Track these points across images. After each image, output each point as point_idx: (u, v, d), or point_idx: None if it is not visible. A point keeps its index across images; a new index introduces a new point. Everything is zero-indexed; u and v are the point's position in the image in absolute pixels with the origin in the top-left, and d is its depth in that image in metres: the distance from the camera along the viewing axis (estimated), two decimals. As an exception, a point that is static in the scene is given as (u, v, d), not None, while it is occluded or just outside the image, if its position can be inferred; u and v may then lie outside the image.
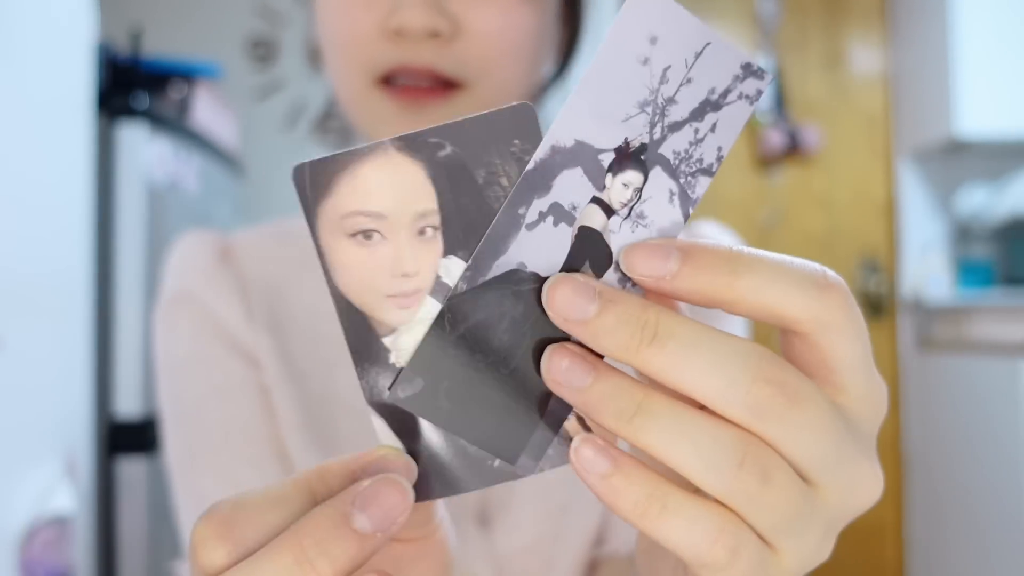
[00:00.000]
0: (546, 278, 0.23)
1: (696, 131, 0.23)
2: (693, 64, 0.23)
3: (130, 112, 1.49)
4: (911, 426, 2.69)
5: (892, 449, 2.72)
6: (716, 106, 0.23)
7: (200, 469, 0.51)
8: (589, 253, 0.23)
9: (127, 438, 1.47)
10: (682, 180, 0.23)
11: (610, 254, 0.23)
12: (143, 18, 2.02)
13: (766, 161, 2.72)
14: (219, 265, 0.56)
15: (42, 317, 1.24)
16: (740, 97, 0.23)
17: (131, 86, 1.54)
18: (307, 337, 0.54)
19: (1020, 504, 2.10)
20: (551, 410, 0.24)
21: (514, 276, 0.23)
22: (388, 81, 0.49)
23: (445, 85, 0.48)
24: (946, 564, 2.49)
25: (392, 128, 0.48)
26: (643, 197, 0.23)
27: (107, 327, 1.47)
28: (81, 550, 1.31)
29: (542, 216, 0.23)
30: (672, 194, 0.23)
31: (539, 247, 0.23)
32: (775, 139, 2.63)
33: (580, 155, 0.23)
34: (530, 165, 0.23)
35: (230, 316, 0.54)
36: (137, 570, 1.45)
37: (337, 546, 0.21)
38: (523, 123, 0.23)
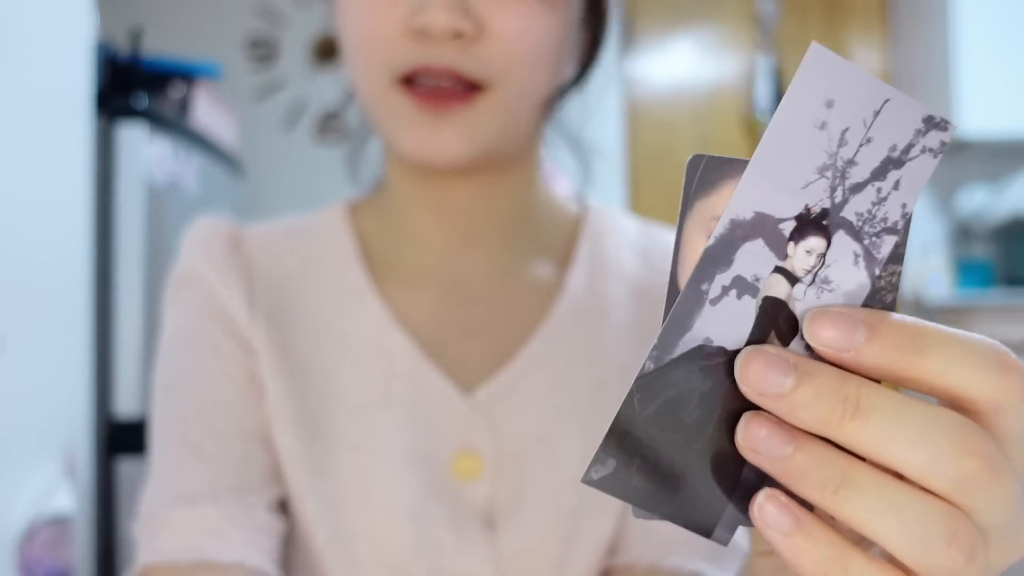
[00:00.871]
0: (734, 352, 0.23)
1: (879, 190, 0.22)
2: (872, 123, 0.22)
3: (130, 112, 1.49)
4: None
5: (892, 449, 2.72)
6: (898, 163, 0.22)
7: (170, 436, 0.52)
8: (775, 324, 0.23)
9: (127, 438, 1.47)
10: (866, 241, 0.23)
11: (796, 323, 0.23)
12: (143, 18, 2.03)
13: (766, 161, 2.72)
14: (228, 251, 0.57)
15: (42, 317, 1.24)
16: (923, 151, 0.22)
17: (131, 86, 1.54)
18: (311, 332, 0.54)
19: (1020, 504, 2.10)
20: (744, 482, 0.24)
21: (701, 352, 0.23)
22: (409, 81, 0.48)
23: (466, 87, 0.48)
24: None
25: (411, 128, 0.48)
26: (827, 262, 0.23)
27: (107, 327, 1.47)
28: (81, 550, 1.31)
29: (725, 290, 0.23)
30: (857, 256, 0.23)
31: (724, 321, 0.23)
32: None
33: (760, 226, 0.23)
34: (711, 241, 0.23)
35: (231, 301, 0.55)
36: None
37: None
38: None
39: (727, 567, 0.51)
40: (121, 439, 1.47)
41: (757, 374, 0.22)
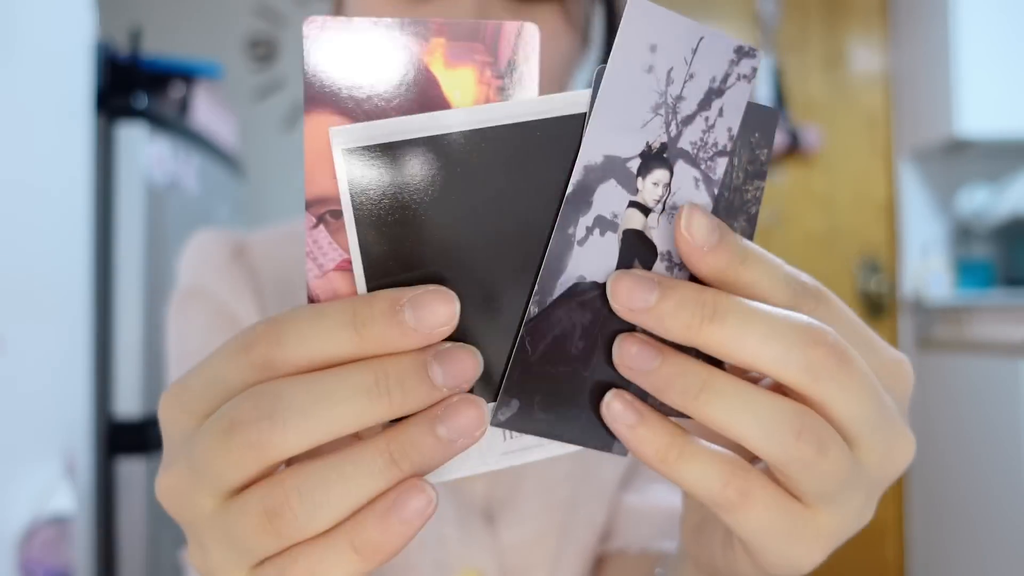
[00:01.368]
0: (605, 284, 0.25)
1: (707, 119, 0.25)
2: (692, 60, 0.25)
3: (130, 112, 1.49)
4: (912, 425, 2.68)
5: (892, 449, 2.72)
6: (719, 92, 0.25)
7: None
8: (636, 252, 0.26)
9: (127, 438, 1.47)
10: (703, 166, 0.25)
11: (655, 248, 0.25)
12: (143, 18, 2.03)
13: (766, 161, 2.72)
14: (233, 262, 0.57)
15: (42, 317, 1.24)
16: (739, 79, 0.25)
17: (131, 86, 1.54)
18: None
19: (1020, 504, 2.10)
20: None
21: (577, 289, 0.25)
22: None
23: None
24: (947, 565, 2.49)
25: None
26: (673, 190, 0.25)
27: (107, 327, 1.47)
28: (80, 550, 1.31)
29: (589, 231, 0.25)
30: (697, 180, 0.25)
31: (593, 258, 0.25)
32: (775, 139, 2.63)
33: (610, 168, 0.25)
34: (569, 188, 0.25)
35: (242, 311, 0.55)
36: (136, 570, 1.45)
37: (413, 384, 0.22)
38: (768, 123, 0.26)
39: None
40: (121, 439, 1.47)
41: (626, 292, 0.24)
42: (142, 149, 1.50)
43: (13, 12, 1.17)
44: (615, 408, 0.25)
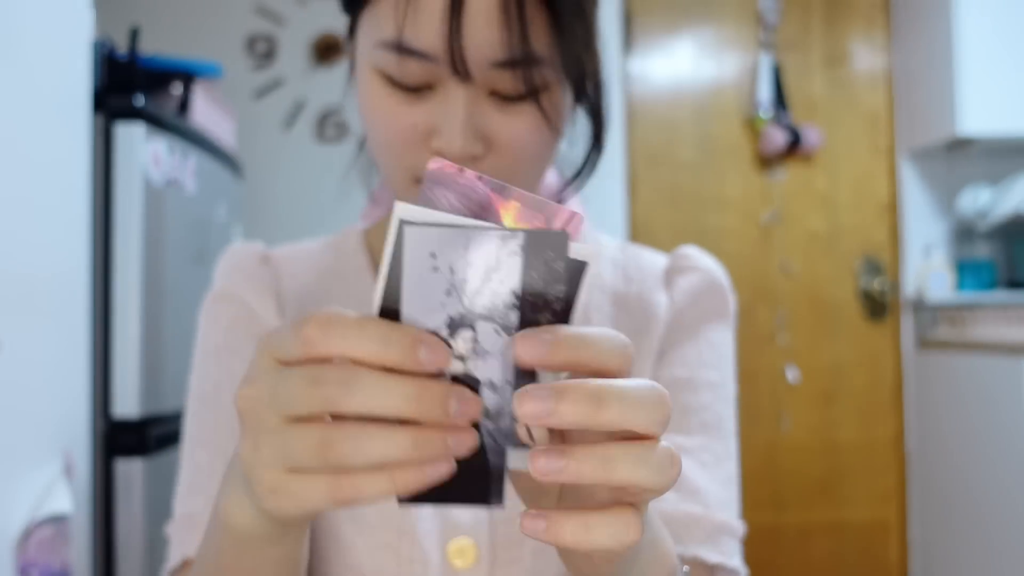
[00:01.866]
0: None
1: (492, 289, 0.33)
2: (467, 253, 0.32)
3: (128, 111, 1.49)
4: (913, 426, 2.69)
5: (894, 449, 2.71)
6: (496, 268, 0.33)
7: (201, 442, 0.60)
8: (465, 385, 0.33)
9: (125, 439, 1.47)
10: (498, 319, 0.33)
11: (477, 380, 0.33)
12: (142, 17, 2.02)
13: (767, 160, 2.72)
14: (258, 268, 0.65)
15: (40, 317, 1.23)
16: (509, 255, 0.33)
17: (129, 85, 1.53)
18: None
19: (1022, 504, 2.09)
20: (495, 464, 0.35)
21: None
22: None
23: None
24: (948, 564, 2.48)
25: None
26: (479, 340, 0.33)
27: (105, 327, 1.47)
28: (79, 550, 1.30)
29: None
30: (497, 330, 0.33)
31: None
32: (776, 138, 2.62)
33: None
34: None
35: (264, 312, 0.63)
36: (135, 570, 1.45)
37: (437, 409, 0.31)
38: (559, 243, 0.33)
39: (723, 551, 0.59)
40: (119, 440, 1.46)
41: (531, 409, 0.30)
42: (141, 148, 1.49)
43: (12, 11, 1.17)
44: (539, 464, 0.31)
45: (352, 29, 0.58)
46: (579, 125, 0.63)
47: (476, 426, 0.33)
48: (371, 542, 0.58)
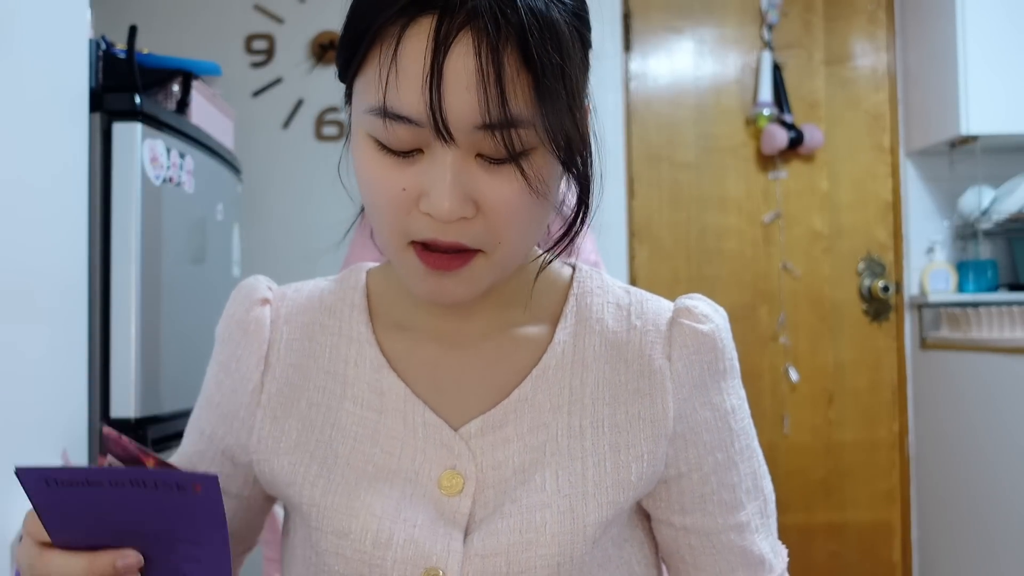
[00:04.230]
0: None
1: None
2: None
3: (126, 110, 1.48)
4: (915, 426, 2.68)
5: (896, 449, 2.70)
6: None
7: (193, 416, 0.73)
8: None
9: (123, 439, 1.46)
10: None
11: None
12: (139, 16, 2.01)
13: (769, 160, 2.71)
14: (254, 312, 0.69)
15: (38, 317, 1.23)
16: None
17: (127, 84, 1.53)
18: (321, 373, 0.67)
19: (1025, 506, 2.09)
20: None
21: None
22: (420, 242, 0.58)
23: (467, 251, 0.57)
24: (951, 565, 2.48)
25: (423, 281, 0.58)
26: None
27: (103, 327, 1.46)
28: (75, 553, 1.30)
29: None
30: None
31: None
32: (778, 137, 2.61)
33: None
34: None
35: (247, 357, 0.69)
36: (133, 573, 1.44)
37: None
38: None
39: None
40: (117, 440, 1.45)
41: None
42: (139, 147, 1.49)
43: (9, 10, 1.16)
44: None
45: (348, 96, 0.60)
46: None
47: None
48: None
